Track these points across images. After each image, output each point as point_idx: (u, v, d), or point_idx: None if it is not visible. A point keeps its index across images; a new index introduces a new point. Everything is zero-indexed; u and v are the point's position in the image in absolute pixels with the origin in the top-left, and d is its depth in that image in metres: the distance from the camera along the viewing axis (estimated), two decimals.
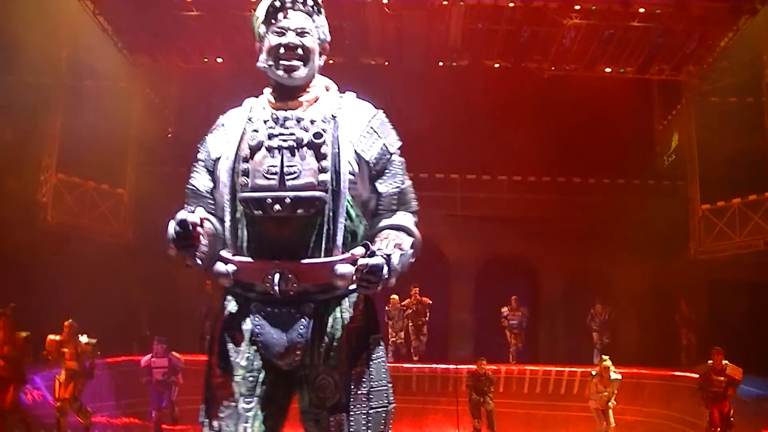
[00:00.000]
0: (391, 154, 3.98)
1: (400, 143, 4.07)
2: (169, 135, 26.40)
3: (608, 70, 23.23)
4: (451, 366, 19.71)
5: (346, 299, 3.82)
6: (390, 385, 3.87)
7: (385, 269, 3.51)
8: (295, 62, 3.90)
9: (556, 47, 22.20)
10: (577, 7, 20.81)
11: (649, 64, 23.00)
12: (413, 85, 23.42)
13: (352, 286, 3.73)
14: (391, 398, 3.87)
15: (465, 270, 25.19)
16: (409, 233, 3.92)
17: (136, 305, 23.19)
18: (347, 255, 3.71)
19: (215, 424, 3.73)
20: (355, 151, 3.84)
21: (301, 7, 3.94)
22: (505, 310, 22.83)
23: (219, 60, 23.31)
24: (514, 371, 21.21)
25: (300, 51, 3.91)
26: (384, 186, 3.93)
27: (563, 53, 22.46)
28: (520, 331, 22.87)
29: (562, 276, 25.97)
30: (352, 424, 3.71)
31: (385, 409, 3.81)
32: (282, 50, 3.91)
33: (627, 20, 21.11)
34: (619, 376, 17.16)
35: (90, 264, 20.69)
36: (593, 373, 17.61)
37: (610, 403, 16.99)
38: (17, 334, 13.43)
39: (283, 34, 3.91)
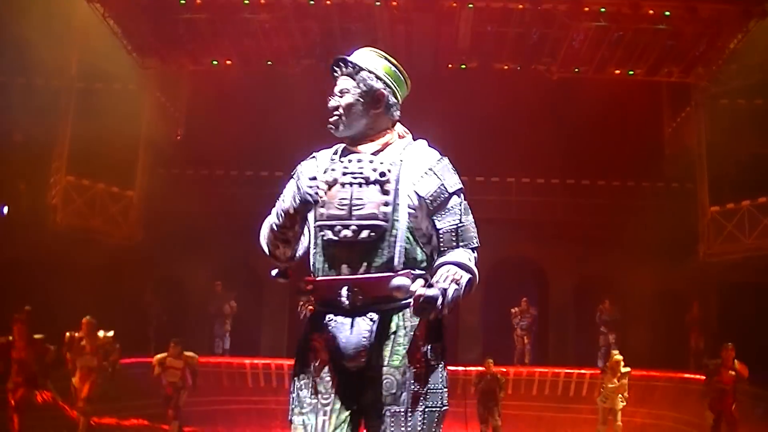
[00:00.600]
0: (450, 194, 4.46)
1: (460, 185, 4.54)
2: (179, 137, 26.46)
3: (617, 72, 23.23)
4: (460, 368, 19.68)
5: (407, 309, 4.27)
6: (445, 388, 4.39)
7: (440, 300, 4.04)
8: (334, 120, 4.55)
9: (565, 50, 22.20)
10: (586, 10, 20.81)
11: (658, 67, 22.97)
12: (422, 87, 23.27)
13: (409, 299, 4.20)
14: (445, 401, 4.37)
15: None
16: (467, 269, 4.38)
17: (147, 306, 23.26)
18: (404, 272, 4.22)
19: (300, 418, 4.29)
20: (414, 189, 4.37)
21: (343, 70, 4.58)
22: (515, 310, 22.86)
23: (228, 62, 23.34)
24: (523, 373, 21.26)
25: (340, 110, 4.53)
26: (442, 222, 4.43)
27: (572, 55, 22.47)
28: (530, 332, 22.89)
29: (571, 278, 25.97)
30: (409, 420, 4.19)
31: (439, 409, 4.33)
32: (331, 109, 4.56)
33: (636, 22, 21.10)
34: (627, 369, 17.14)
35: (100, 266, 20.81)
36: (605, 366, 17.61)
37: (620, 402, 16.95)
38: (32, 337, 13.48)
39: (332, 97, 4.57)
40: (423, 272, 4.31)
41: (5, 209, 22.27)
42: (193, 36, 22.28)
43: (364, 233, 4.26)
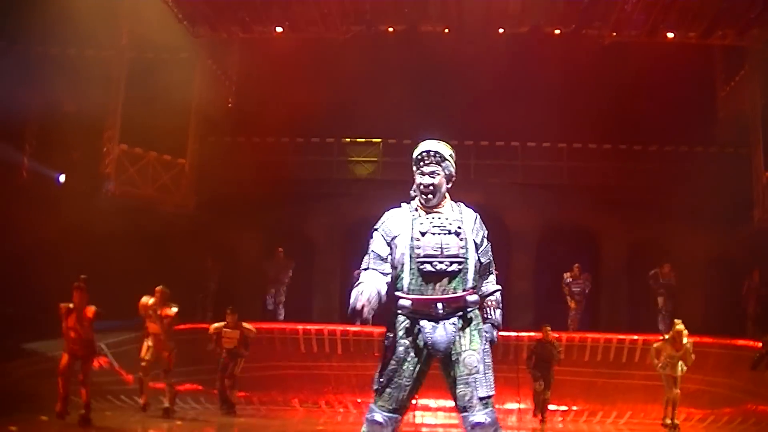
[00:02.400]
0: (486, 241, 6.36)
1: (487, 232, 6.40)
2: (230, 105, 26.53)
3: (670, 35, 22.94)
4: (512, 334, 19.67)
5: (475, 311, 6.21)
6: (491, 356, 6.20)
7: (495, 333, 6.38)
8: (429, 193, 6.27)
9: (617, 13, 21.96)
10: None
11: (712, 30, 22.63)
12: (473, 52, 23.32)
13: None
14: (491, 365, 6.16)
15: (526, 238, 25.12)
16: (497, 290, 6.49)
17: (206, 273, 23.45)
18: (471, 290, 6.18)
19: (386, 391, 6.03)
20: (473, 238, 6.26)
21: (432, 159, 6.29)
22: (567, 275, 22.79)
23: (278, 29, 23.33)
24: (575, 339, 21.18)
25: (432, 187, 6.26)
26: (483, 258, 6.34)
27: (624, 19, 22.22)
28: (582, 298, 22.81)
29: (623, 244, 25.79)
30: (483, 381, 6.04)
31: (491, 370, 6.14)
32: (422, 186, 6.27)
33: None
34: (690, 341, 17.07)
35: (153, 234, 20.97)
36: (665, 337, 17.53)
37: (680, 370, 16.90)
38: (88, 306, 13.63)
39: (423, 176, 6.27)
40: (475, 288, 6.22)
41: (62, 178, 22.48)
42: (244, 3, 22.30)
43: (453, 266, 6.09)
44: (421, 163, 6.31)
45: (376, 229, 6.38)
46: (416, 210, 6.35)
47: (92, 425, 13.33)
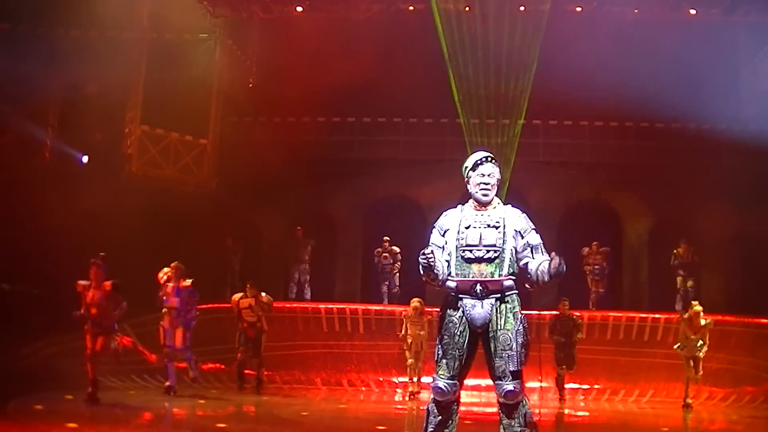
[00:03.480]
0: (530, 229, 7.14)
1: (533, 225, 7.18)
2: (251, 85, 26.55)
3: (693, 12, 22.82)
4: (534, 312, 19.67)
5: (512, 295, 6.96)
6: (528, 337, 6.96)
7: (554, 264, 6.89)
8: (489, 191, 7.15)
9: None
10: None
11: (735, 6, 22.52)
12: (494, 30, 23.25)
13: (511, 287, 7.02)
14: (528, 344, 6.95)
15: (548, 217, 24.99)
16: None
17: (228, 252, 23.53)
18: (508, 276, 6.97)
19: (443, 361, 6.88)
20: (515, 229, 7.07)
21: (490, 161, 7.20)
22: (585, 250, 22.76)
23: (299, 9, 23.32)
24: (597, 317, 21.16)
25: (490, 186, 7.15)
26: (532, 240, 7.07)
27: None
28: (603, 276, 22.79)
29: (645, 223, 25.73)
30: (516, 356, 6.80)
31: (528, 349, 6.94)
32: (482, 185, 7.13)
33: None
34: (709, 321, 17.07)
35: (175, 214, 21.03)
36: (684, 317, 17.55)
37: (700, 352, 16.92)
38: (106, 282, 13.67)
39: (483, 176, 7.14)
40: (514, 277, 6.99)
41: (84, 159, 22.58)
42: None
43: (490, 254, 6.93)
44: (481, 166, 7.21)
45: (434, 226, 7.30)
46: (465, 209, 7.29)
47: (102, 404, 13.35)
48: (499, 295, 6.92)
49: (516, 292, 7.00)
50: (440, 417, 6.95)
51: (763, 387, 18.13)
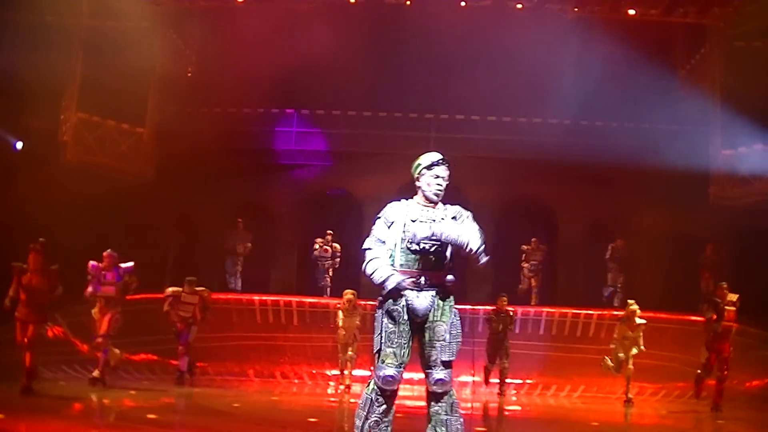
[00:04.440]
0: (467, 219, 7.37)
1: (471, 214, 7.46)
2: (190, 74, 26.36)
3: (632, 12, 23.04)
4: (468, 306, 19.76)
5: (450, 289, 7.26)
6: (460, 330, 7.27)
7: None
8: (441, 193, 7.40)
9: None
10: None
11: (674, 7, 22.77)
12: (435, 25, 23.31)
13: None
14: (460, 338, 7.25)
15: (485, 212, 25.06)
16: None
17: (167, 242, 23.37)
18: (450, 272, 7.27)
19: (391, 351, 7.04)
20: (454, 224, 7.24)
21: (444, 164, 7.44)
22: (525, 247, 22.96)
23: None
24: (530, 313, 21.33)
25: (442, 187, 7.40)
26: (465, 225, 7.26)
27: None
28: (538, 273, 22.98)
29: (582, 220, 26.00)
30: (447, 348, 7.10)
31: (459, 341, 7.22)
32: (437, 185, 7.37)
33: None
34: (643, 321, 17.33)
35: (112, 202, 20.86)
36: (621, 317, 17.84)
37: (634, 349, 17.15)
38: (47, 267, 13.56)
39: (438, 178, 7.38)
40: (454, 272, 7.30)
41: (19, 145, 22.31)
42: None
43: (434, 247, 7.11)
44: (437, 168, 7.47)
45: (379, 217, 7.49)
46: (411, 204, 7.52)
47: (35, 394, 13.21)
48: (439, 288, 7.20)
49: (453, 285, 7.31)
50: (384, 406, 7.12)
51: (692, 382, 18.34)
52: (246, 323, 20.94)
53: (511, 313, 19.01)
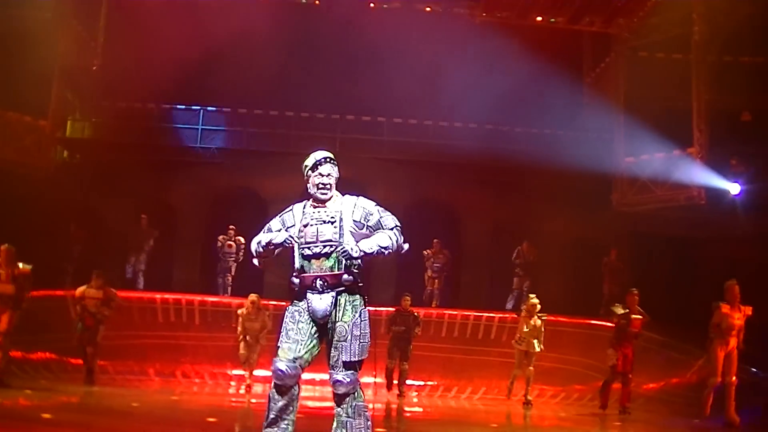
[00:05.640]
0: (370, 212, 7.51)
1: (373, 202, 7.59)
2: (95, 68, 25.93)
3: (539, 19, 23.29)
4: (371, 308, 19.73)
5: (352, 288, 7.31)
6: (369, 330, 7.35)
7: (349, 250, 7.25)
8: (326, 191, 7.48)
9: None
10: None
11: (580, 15, 23.09)
12: (345, 25, 23.33)
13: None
14: (368, 338, 7.33)
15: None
16: (384, 234, 7.44)
17: (71, 238, 22.93)
18: (348, 272, 7.28)
19: (286, 346, 7.15)
20: (353, 220, 7.43)
21: (329, 161, 7.52)
22: (427, 252, 23.01)
23: None
24: (433, 315, 21.38)
25: (328, 185, 7.48)
26: (371, 222, 7.46)
27: (496, 0, 22.48)
28: (441, 275, 23.07)
29: (486, 223, 26.19)
30: (349, 348, 7.16)
31: (366, 342, 7.28)
32: (321, 185, 7.46)
33: None
34: (544, 316, 17.51)
35: (13, 196, 20.45)
36: (521, 309, 18.04)
37: (536, 346, 17.31)
38: None
39: (322, 176, 7.46)
40: (357, 271, 7.33)
41: None
42: None
43: (327, 249, 7.27)
44: (321, 167, 7.54)
45: (277, 215, 7.70)
46: (306, 206, 7.65)
47: None
48: (339, 289, 7.27)
49: (359, 285, 7.37)
50: (281, 402, 7.17)
51: (592, 385, 18.60)
52: (148, 322, 20.63)
53: (416, 315, 19.07)
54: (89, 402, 15.03)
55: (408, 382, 19.00)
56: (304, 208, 7.67)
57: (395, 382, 18.74)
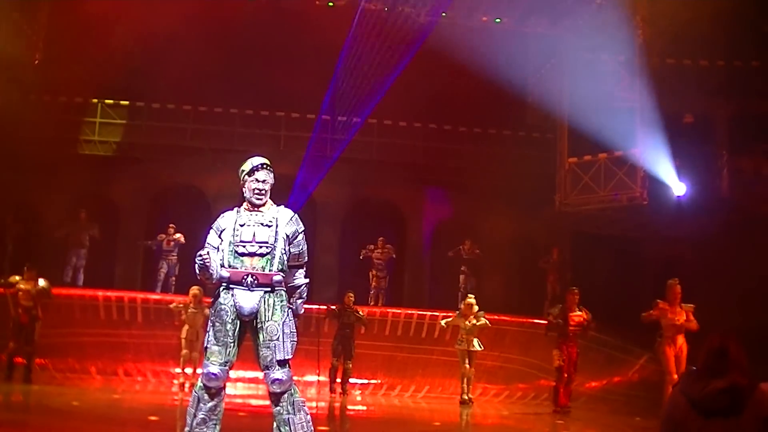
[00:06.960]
0: (299, 233, 7.76)
1: (303, 227, 7.79)
2: (36, 62, 25.61)
3: (484, 19, 23.36)
4: (314, 306, 19.64)
5: (281, 289, 7.53)
6: (295, 330, 7.50)
7: (295, 320, 7.60)
8: (262, 197, 7.71)
9: None
10: None
11: (526, 16, 23.18)
12: (289, 22, 23.28)
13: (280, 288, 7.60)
14: (295, 336, 7.49)
15: (332, 212, 25.29)
16: (303, 284, 7.89)
17: (6, 232, 22.59)
18: (277, 271, 7.50)
19: (216, 349, 7.29)
20: (285, 233, 7.64)
21: (265, 168, 7.74)
22: (371, 247, 22.95)
23: None
24: (376, 313, 21.36)
25: (264, 191, 7.71)
26: (294, 249, 7.72)
27: (441, 0, 22.51)
28: (385, 273, 23.06)
29: (429, 222, 26.23)
30: (282, 347, 7.30)
31: (294, 341, 7.45)
32: (257, 190, 7.68)
33: None
34: (485, 321, 17.54)
35: None
36: (459, 309, 18.10)
37: (477, 346, 17.35)
38: None
39: (258, 182, 7.69)
40: (283, 272, 7.55)
41: None
42: None
43: (262, 249, 7.50)
44: (258, 173, 7.77)
45: (211, 227, 7.84)
46: (241, 210, 7.88)
47: None
48: (268, 288, 7.47)
49: (284, 287, 7.61)
50: (211, 403, 7.33)
51: (534, 384, 18.78)
52: (89, 319, 20.38)
53: (360, 313, 19.06)
54: (29, 401, 14.94)
55: (351, 380, 19.00)
56: (238, 211, 7.87)
57: (338, 380, 18.72)
